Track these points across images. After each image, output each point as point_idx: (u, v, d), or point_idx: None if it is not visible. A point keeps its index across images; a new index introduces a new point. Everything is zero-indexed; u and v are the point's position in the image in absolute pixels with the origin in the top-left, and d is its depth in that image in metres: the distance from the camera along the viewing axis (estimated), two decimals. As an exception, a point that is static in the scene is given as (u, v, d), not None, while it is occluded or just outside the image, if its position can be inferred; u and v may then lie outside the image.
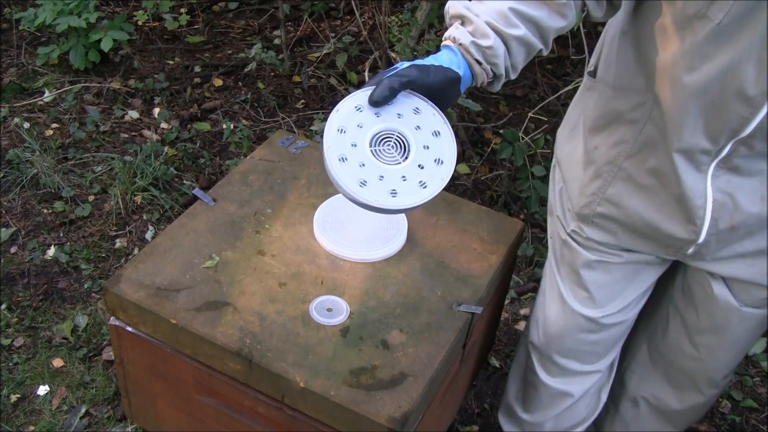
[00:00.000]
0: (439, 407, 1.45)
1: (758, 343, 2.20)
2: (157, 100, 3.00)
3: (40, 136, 2.78)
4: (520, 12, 1.10)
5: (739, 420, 2.04)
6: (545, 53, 1.20)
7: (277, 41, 3.36)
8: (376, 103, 1.08)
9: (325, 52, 3.13)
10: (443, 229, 1.52)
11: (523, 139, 2.46)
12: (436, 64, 1.11)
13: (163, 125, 2.88)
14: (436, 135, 1.10)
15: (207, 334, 1.26)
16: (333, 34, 3.23)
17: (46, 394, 1.95)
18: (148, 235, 2.42)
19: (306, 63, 3.20)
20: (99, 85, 3.04)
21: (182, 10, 3.48)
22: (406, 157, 1.08)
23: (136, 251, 2.35)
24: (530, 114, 2.62)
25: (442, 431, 1.65)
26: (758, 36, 0.97)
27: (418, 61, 1.11)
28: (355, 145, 1.06)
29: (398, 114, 1.09)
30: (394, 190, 1.04)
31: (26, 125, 2.81)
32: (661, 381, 1.53)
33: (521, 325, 2.24)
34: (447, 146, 1.10)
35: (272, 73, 3.17)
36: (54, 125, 2.85)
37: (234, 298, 1.33)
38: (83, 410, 1.92)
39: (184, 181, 2.62)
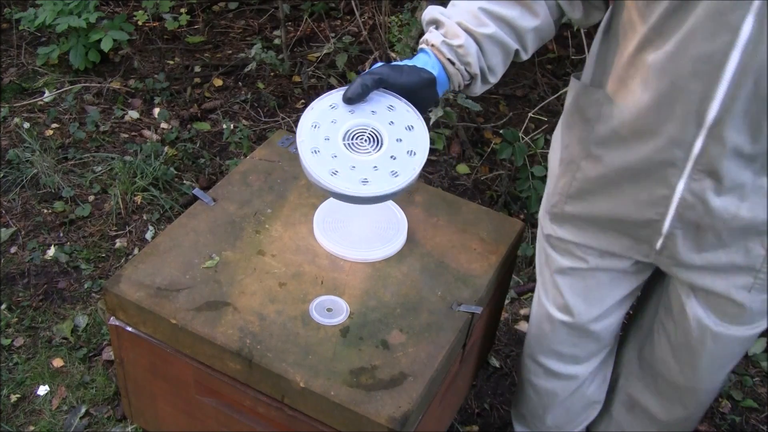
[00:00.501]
0: (439, 407, 1.45)
1: (758, 343, 2.20)
2: (157, 100, 3.00)
3: (40, 136, 2.78)
4: (490, 11, 1.13)
5: (739, 420, 2.04)
6: (524, 57, 1.22)
7: (277, 41, 3.36)
8: (350, 100, 1.11)
9: (325, 52, 3.13)
10: (443, 229, 1.52)
11: (523, 139, 2.46)
12: (411, 64, 1.14)
13: (163, 125, 2.88)
14: (410, 129, 1.11)
15: (207, 334, 1.26)
16: (333, 34, 3.23)
17: (46, 394, 1.95)
18: (148, 235, 2.42)
19: (306, 63, 3.20)
20: (99, 85, 3.04)
21: (182, 10, 3.48)
22: (379, 150, 1.10)
23: (136, 251, 2.35)
24: (530, 114, 2.62)
25: (442, 431, 1.65)
26: (712, 7, 0.96)
27: (394, 63, 1.14)
28: (328, 139, 1.09)
29: (372, 111, 1.11)
30: (366, 179, 1.06)
31: (26, 125, 2.81)
32: (649, 390, 1.53)
33: (521, 325, 2.24)
34: (420, 139, 1.11)
35: (272, 73, 3.17)
36: (54, 125, 2.85)
37: (234, 298, 1.33)
38: (83, 410, 1.92)
39: (184, 181, 2.62)
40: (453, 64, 1.14)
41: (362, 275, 1.40)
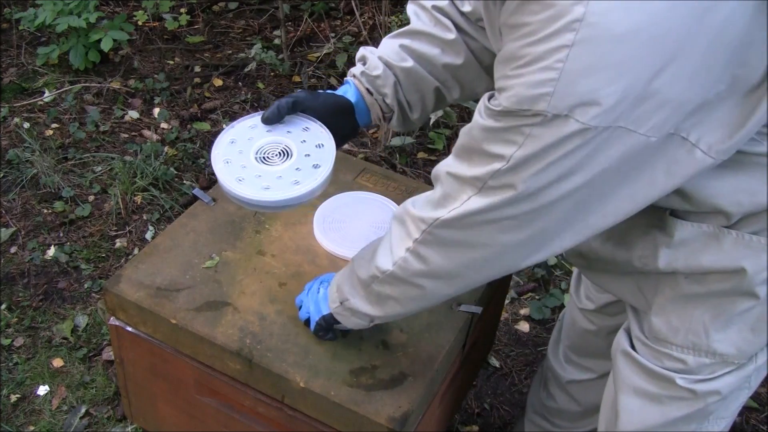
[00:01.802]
0: (439, 407, 1.45)
1: (758, 343, 2.19)
2: (157, 100, 3.00)
3: (40, 136, 2.78)
4: (411, 48, 1.20)
5: (739, 420, 2.04)
6: (452, 95, 1.25)
7: (277, 41, 3.36)
8: (267, 120, 1.18)
9: (325, 52, 3.13)
10: (443, 229, 1.52)
11: (523, 139, 2.45)
12: (330, 92, 1.22)
13: (163, 125, 2.88)
14: (320, 147, 1.18)
15: (207, 334, 1.26)
16: (333, 34, 3.23)
17: (46, 394, 1.95)
18: (148, 235, 2.42)
19: (306, 63, 3.20)
20: (99, 85, 3.04)
21: (182, 10, 3.48)
22: (286, 162, 1.17)
23: (136, 251, 2.35)
24: (530, 114, 2.61)
25: (442, 431, 1.65)
26: None
27: (314, 91, 1.23)
28: (242, 152, 1.17)
29: (288, 131, 1.19)
30: (268, 186, 1.12)
31: (26, 125, 2.81)
32: None
33: (521, 325, 2.24)
34: (327, 155, 1.17)
35: (272, 73, 3.17)
36: (54, 125, 2.85)
37: (234, 298, 1.33)
38: (83, 410, 1.92)
39: (184, 181, 2.62)
40: (371, 94, 1.22)
41: (362, 275, 1.39)
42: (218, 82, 3.13)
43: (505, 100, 0.81)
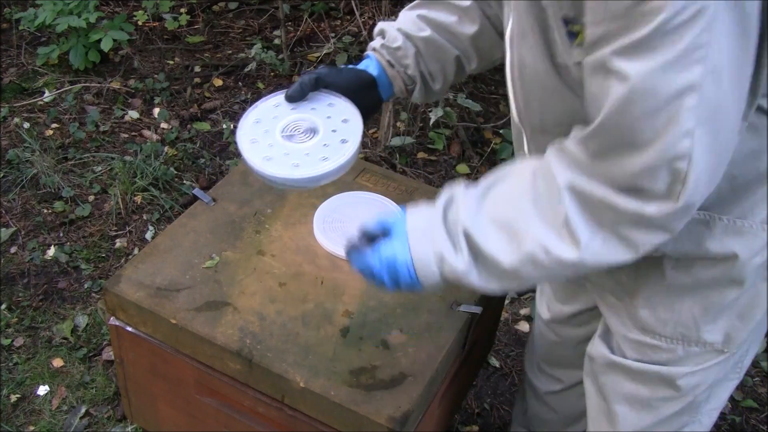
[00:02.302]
0: (439, 407, 1.45)
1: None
2: (157, 100, 3.00)
3: (40, 136, 2.78)
4: (428, 17, 1.21)
5: (739, 420, 2.04)
6: (471, 66, 1.25)
7: (277, 41, 3.36)
8: (291, 98, 1.18)
9: (325, 52, 3.13)
10: (443, 229, 1.52)
11: (523, 139, 2.45)
12: (351, 67, 1.22)
13: (163, 125, 2.88)
14: (346, 122, 1.17)
15: (207, 334, 1.26)
16: (333, 34, 3.23)
17: (46, 394, 1.95)
18: (148, 235, 2.42)
19: (306, 63, 3.20)
20: (99, 85, 3.04)
21: (182, 10, 3.48)
22: (313, 139, 1.16)
23: (136, 251, 2.35)
24: (530, 114, 2.61)
25: (442, 431, 1.65)
26: (503, 6, 1.04)
27: (336, 66, 1.22)
28: (268, 131, 1.16)
29: (312, 108, 1.18)
30: (297, 164, 1.12)
31: (26, 125, 2.81)
32: None
33: (521, 325, 2.24)
34: (354, 130, 1.16)
35: (272, 73, 3.17)
36: (54, 125, 2.85)
37: (234, 298, 1.33)
38: (83, 410, 1.92)
39: (184, 181, 2.62)
40: (393, 66, 1.21)
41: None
42: (218, 82, 3.13)
43: (666, 8, 0.71)
